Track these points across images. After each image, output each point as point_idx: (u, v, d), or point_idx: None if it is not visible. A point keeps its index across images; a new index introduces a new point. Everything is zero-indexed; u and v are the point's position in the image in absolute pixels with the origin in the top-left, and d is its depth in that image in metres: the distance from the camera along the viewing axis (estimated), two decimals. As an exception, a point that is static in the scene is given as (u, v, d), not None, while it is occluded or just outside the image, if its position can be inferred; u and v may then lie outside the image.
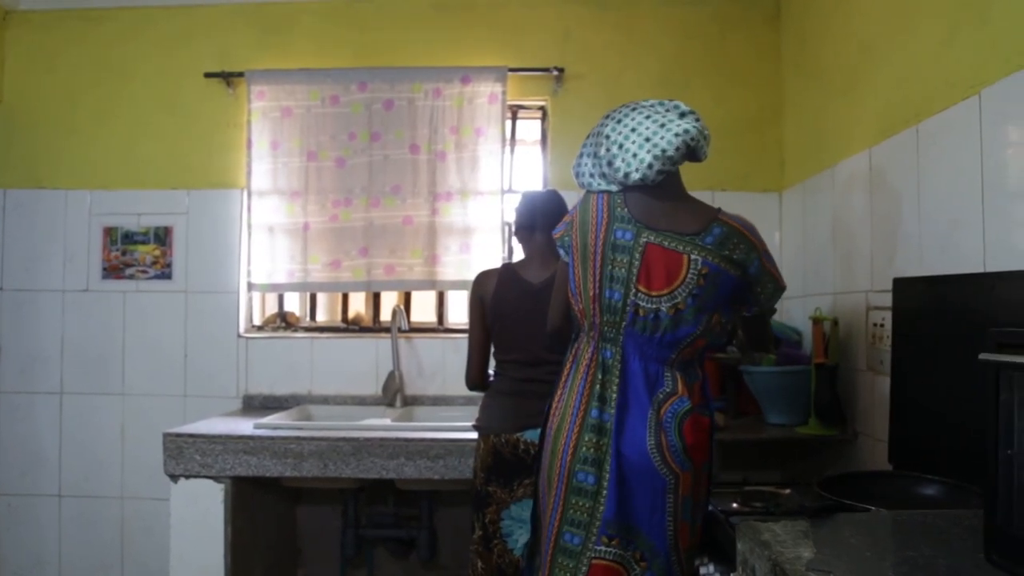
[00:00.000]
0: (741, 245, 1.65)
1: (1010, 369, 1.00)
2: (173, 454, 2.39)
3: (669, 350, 1.65)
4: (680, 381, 1.65)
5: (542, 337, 2.06)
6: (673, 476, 1.60)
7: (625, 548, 1.62)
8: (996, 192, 1.67)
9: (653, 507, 1.60)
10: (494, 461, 2.08)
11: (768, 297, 1.74)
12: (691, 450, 1.62)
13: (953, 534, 1.26)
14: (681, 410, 1.62)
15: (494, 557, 2.06)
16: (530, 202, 2.26)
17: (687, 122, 1.65)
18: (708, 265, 1.61)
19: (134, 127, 3.20)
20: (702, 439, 1.65)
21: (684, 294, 1.62)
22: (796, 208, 2.96)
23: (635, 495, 1.61)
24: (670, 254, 1.62)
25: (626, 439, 1.61)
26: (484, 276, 2.23)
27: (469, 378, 2.26)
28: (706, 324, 1.65)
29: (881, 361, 2.19)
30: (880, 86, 2.24)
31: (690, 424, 1.62)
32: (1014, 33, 1.61)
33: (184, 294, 3.15)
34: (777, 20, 3.15)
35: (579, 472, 1.64)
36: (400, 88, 3.09)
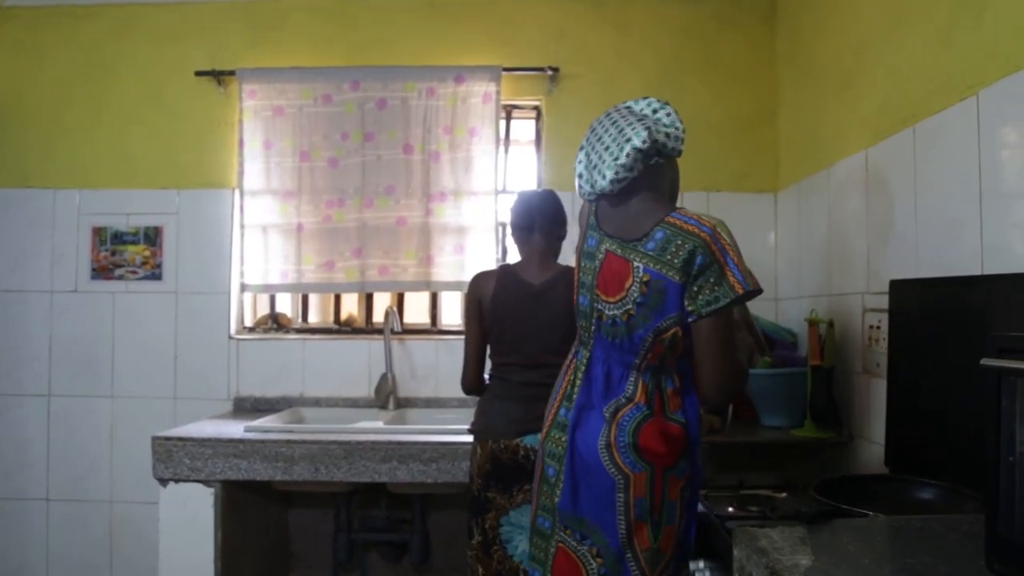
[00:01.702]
0: (685, 246, 1.54)
1: (1011, 375, 0.98)
2: (162, 458, 2.36)
3: (631, 355, 1.63)
4: (642, 387, 1.62)
5: (542, 338, 2.04)
6: (623, 476, 1.58)
7: (580, 541, 1.63)
8: (994, 194, 1.65)
9: (604, 505, 1.60)
10: (492, 467, 2.05)
11: (708, 301, 1.54)
12: (645, 452, 1.58)
13: (951, 540, 1.24)
14: (638, 416, 1.60)
15: (494, 563, 2.04)
16: (527, 202, 2.22)
17: (643, 128, 1.60)
18: (649, 272, 1.58)
19: (124, 126, 3.17)
20: (666, 445, 1.59)
21: (631, 301, 1.61)
22: (792, 209, 2.94)
23: (586, 491, 1.62)
24: (620, 261, 1.63)
25: (581, 436, 1.64)
26: (482, 277, 2.20)
27: (465, 381, 2.23)
28: (657, 331, 1.59)
29: (877, 363, 2.18)
30: (876, 86, 2.23)
31: (648, 429, 1.59)
32: (1012, 34, 1.59)
33: (174, 295, 3.12)
34: (772, 19, 3.13)
35: (547, 465, 1.72)
36: (393, 87, 3.07)
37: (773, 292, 3.06)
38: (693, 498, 1.68)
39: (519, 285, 2.12)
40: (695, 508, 1.70)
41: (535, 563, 1.74)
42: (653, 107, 1.68)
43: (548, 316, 2.07)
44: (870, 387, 2.23)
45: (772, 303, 3.05)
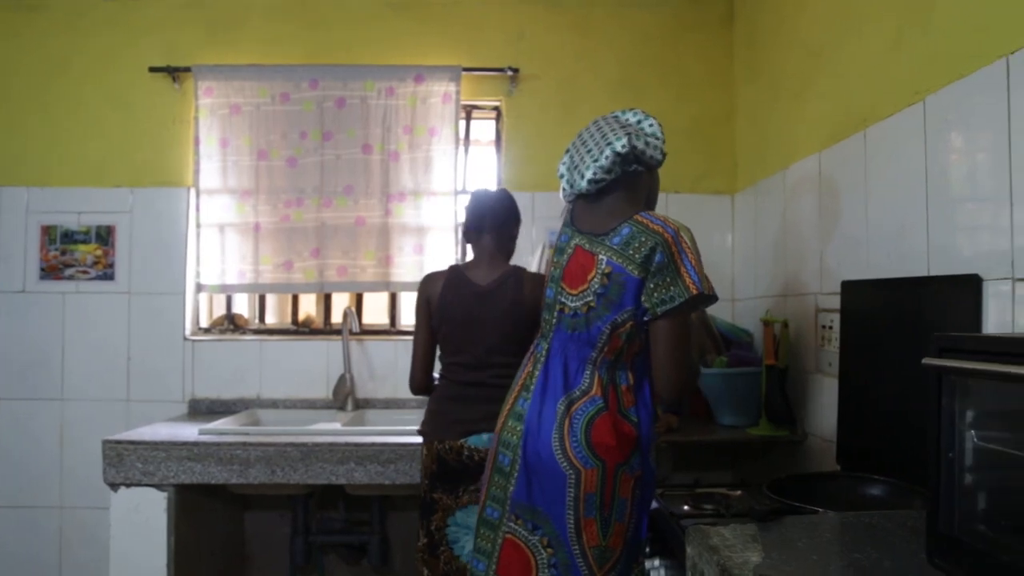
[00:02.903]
0: (648, 243, 1.58)
1: (952, 374, 1.01)
2: (113, 462, 2.31)
3: (589, 348, 1.66)
4: (598, 381, 1.64)
5: (487, 339, 2.05)
6: (574, 471, 1.59)
7: (531, 531, 1.65)
8: (940, 197, 1.70)
9: (554, 498, 1.62)
10: (438, 468, 2.05)
11: (663, 299, 1.57)
12: (598, 448, 1.60)
13: (897, 536, 1.27)
14: (592, 409, 1.62)
15: (441, 564, 2.03)
16: (478, 203, 2.21)
17: (624, 134, 1.66)
18: (611, 265, 1.62)
19: (75, 122, 3.09)
20: (618, 440, 1.61)
21: (591, 293, 1.65)
22: (748, 210, 2.99)
23: (539, 482, 1.64)
24: (586, 255, 1.68)
25: (536, 428, 1.66)
26: (431, 278, 2.20)
27: (413, 382, 2.22)
28: (613, 325, 1.62)
29: (829, 363, 2.22)
30: (829, 91, 2.27)
31: (601, 423, 1.61)
32: (957, 42, 1.64)
33: (127, 295, 3.05)
34: (730, 25, 3.18)
35: (500, 454, 1.73)
36: (352, 86, 3.04)
37: (730, 292, 3.10)
38: (645, 497, 1.68)
39: (466, 285, 2.13)
40: (647, 507, 1.70)
41: (480, 555, 1.75)
42: (639, 117, 1.74)
43: (494, 316, 2.07)
44: (823, 386, 2.27)
45: (728, 303, 3.10)
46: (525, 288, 2.11)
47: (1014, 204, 1.44)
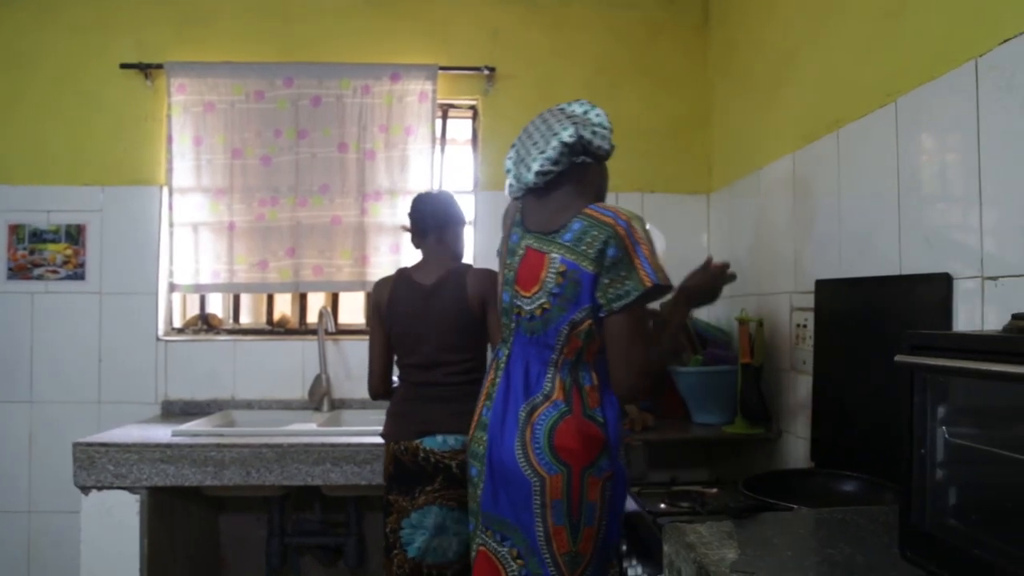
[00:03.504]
0: (600, 236, 1.55)
1: (923, 371, 1.02)
2: (84, 464, 2.27)
3: (548, 350, 1.64)
4: (559, 385, 1.62)
5: (436, 338, 2.04)
6: (538, 479, 1.57)
7: (500, 543, 1.63)
8: (910, 197, 1.72)
9: (521, 506, 1.59)
10: (395, 469, 2.05)
11: (618, 295, 1.55)
12: (561, 452, 1.57)
13: (870, 531, 1.29)
14: (555, 414, 1.59)
15: (393, 567, 2.02)
16: (419, 205, 2.22)
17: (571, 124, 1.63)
18: (565, 263, 1.59)
19: (44, 119, 3.03)
20: (583, 443, 1.58)
21: (545, 294, 1.62)
22: (723, 210, 3.01)
23: (506, 491, 1.62)
24: (537, 255, 1.65)
25: (499, 437, 1.64)
26: (381, 283, 2.21)
27: (371, 387, 2.23)
28: (572, 324, 1.60)
29: (804, 361, 2.24)
30: (803, 92, 2.29)
31: (565, 428, 1.58)
32: (927, 44, 1.66)
33: (99, 295, 3.01)
34: (705, 26, 3.20)
35: (471, 465, 1.73)
36: (328, 84, 3.02)
37: (706, 292, 3.12)
38: (616, 498, 1.65)
39: (412, 287, 2.14)
40: (619, 508, 1.67)
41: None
42: (584, 108, 1.70)
43: (440, 315, 2.08)
44: (797, 384, 2.29)
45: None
46: (468, 284, 2.11)
47: (983, 204, 1.47)
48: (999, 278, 1.42)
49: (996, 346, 0.91)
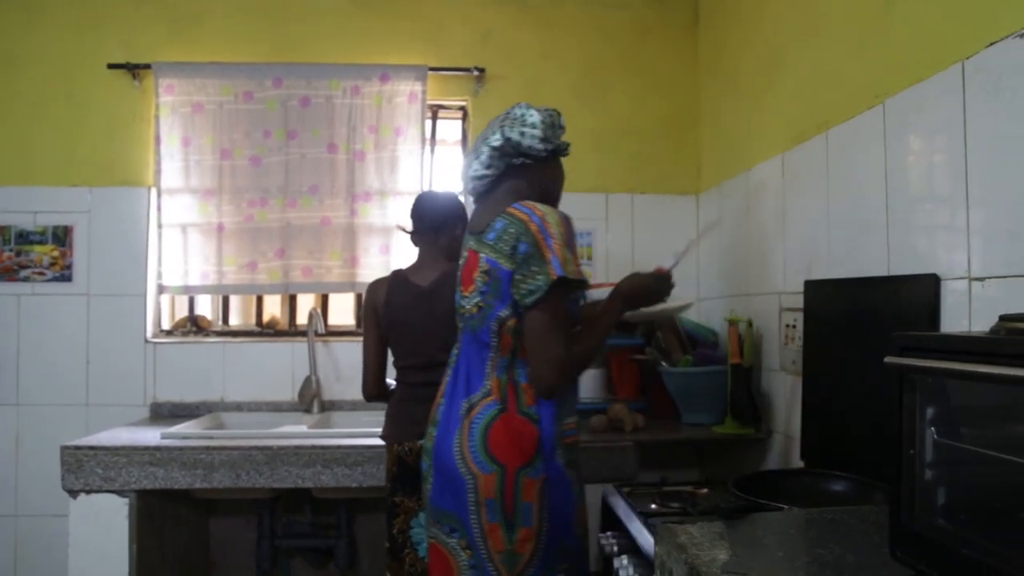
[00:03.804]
0: (514, 233, 1.57)
1: (912, 372, 1.03)
2: (72, 468, 2.25)
3: (486, 348, 1.65)
4: (496, 383, 1.63)
5: (434, 338, 2.05)
6: (472, 477, 1.58)
7: (449, 534, 1.64)
8: (899, 199, 1.73)
9: (460, 502, 1.61)
10: (399, 470, 2.04)
11: (529, 290, 1.56)
12: (495, 451, 1.58)
13: (860, 531, 1.30)
14: (491, 413, 1.61)
15: (405, 567, 2.02)
16: (420, 204, 2.23)
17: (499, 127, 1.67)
18: (488, 261, 1.62)
19: (30, 119, 3.00)
20: (516, 442, 1.59)
21: (477, 293, 1.65)
22: (712, 210, 3.02)
23: (448, 486, 1.64)
24: (474, 255, 1.69)
25: (444, 433, 1.67)
26: (376, 284, 2.20)
27: (365, 389, 2.22)
28: (500, 322, 1.61)
29: (793, 361, 2.25)
30: (792, 93, 2.31)
31: (498, 427, 1.59)
32: (915, 46, 1.67)
33: (86, 297, 2.98)
34: (695, 27, 3.21)
35: (423, 460, 1.77)
36: (317, 85, 3.01)
37: (695, 292, 3.13)
38: (557, 502, 1.62)
39: (408, 288, 2.13)
40: (565, 511, 1.64)
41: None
42: (522, 110, 1.71)
43: (439, 315, 2.06)
44: (787, 384, 2.31)
45: (695, 303, 3.12)
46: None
47: (970, 206, 1.48)
48: (986, 279, 1.43)
49: (983, 347, 0.91)
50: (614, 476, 2.30)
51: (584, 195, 3.12)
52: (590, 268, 3.12)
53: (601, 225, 3.15)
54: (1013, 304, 1.35)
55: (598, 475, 2.30)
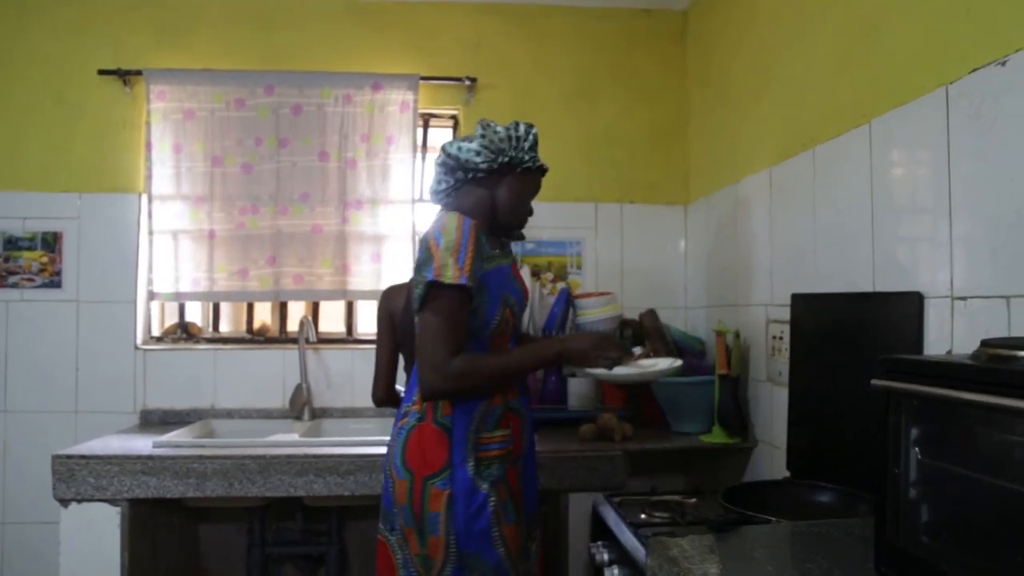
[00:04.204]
0: (422, 242, 1.67)
1: (898, 395, 1.06)
2: (64, 477, 2.25)
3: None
4: (419, 392, 1.68)
5: None
6: (391, 481, 1.70)
7: (391, 531, 1.72)
8: (885, 217, 1.77)
9: (390, 503, 1.72)
10: None
11: (418, 294, 1.63)
12: (408, 459, 1.67)
13: (846, 544, 1.34)
14: (411, 422, 1.70)
15: None
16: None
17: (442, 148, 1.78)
18: (413, 277, 1.71)
19: (18, 124, 2.99)
20: (425, 451, 1.65)
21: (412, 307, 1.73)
22: (700, 221, 3.06)
23: (386, 486, 1.74)
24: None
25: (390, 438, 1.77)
26: (393, 291, 2.22)
27: (376, 395, 2.25)
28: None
29: (780, 372, 2.29)
30: (780, 109, 2.34)
31: (414, 435, 1.68)
32: (900, 69, 1.71)
33: (75, 303, 2.98)
34: (683, 38, 3.25)
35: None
36: (309, 93, 3.02)
37: (683, 301, 3.18)
38: (469, 515, 1.63)
39: None
40: (480, 528, 1.64)
41: None
42: (480, 127, 1.77)
43: None
44: (773, 395, 2.34)
45: (682, 311, 3.17)
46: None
47: (953, 227, 1.52)
48: (968, 298, 1.47)
49: (966, 374, 0.95)
50: (603, 485, 2.33)
51: (574, 204, 3.16)
52: (579, 277, 3.16)
53: (591, 234, 3.18)
54: (994, 323, 1.39)
55: (587, 484, 2.34)
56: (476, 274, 1.64)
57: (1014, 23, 1.36)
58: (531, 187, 1.81)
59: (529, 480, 1.85)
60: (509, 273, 1.80)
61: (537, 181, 1.83)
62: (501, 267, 1.77)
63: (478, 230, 1.67)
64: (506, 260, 1.82)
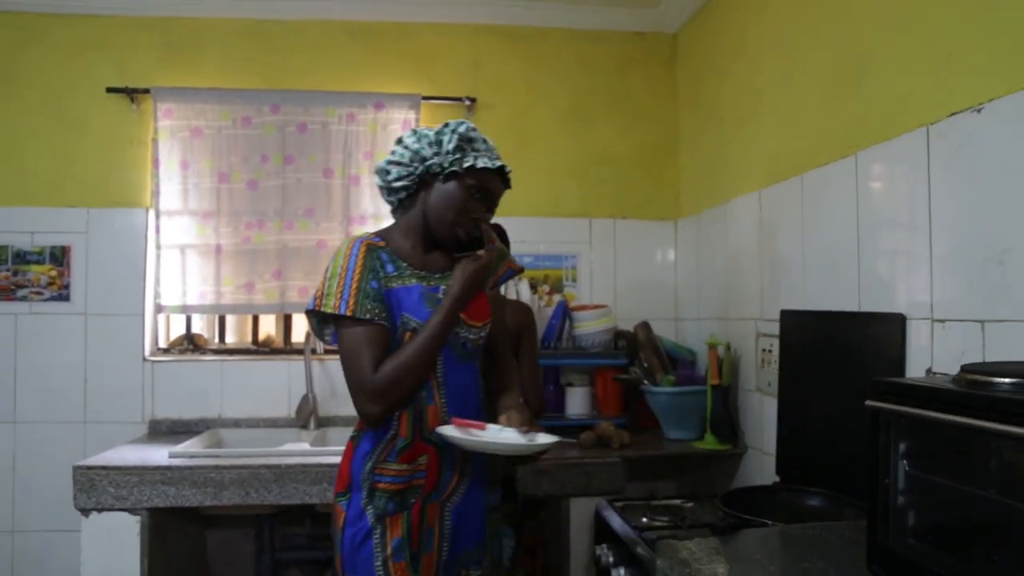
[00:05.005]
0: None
1: (888, 414, 1.20)
2: (84, 487, 2.33)
3: None
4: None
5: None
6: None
7: None
8: (869, 242, 1.92)
9: None
10: None
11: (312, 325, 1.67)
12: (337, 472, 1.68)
13: (838, 545, 1.47)
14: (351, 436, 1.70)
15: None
16: None
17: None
18: None
19: (27, 140, 3.06)
20: (342, 467, 1.67)
21: None
22: (691, 237, 3.20)
23: None
24: None
25: None
26: None
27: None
28: None
29: (769, 383, 2.44)
30: (769, 134, 2.48)
31: (346, 449, 1.69)
32: (884, 106, 1.86)
33: (84, 316, 3.05)
34: (674, 61, 3.38)
35: None
36: (314, 112, 3.12)
37: (673, 312, 3.32)
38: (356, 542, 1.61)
39: None
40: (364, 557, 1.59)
41: None
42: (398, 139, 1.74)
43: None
44: (763, 404, 2.49)
45: (672, 323, 3.31)
46: (508, 315, 2.27)
47: (933, 256, 1.66)
48: (946, 321, 1.62)
49: (948, 397, 1.08)
50: (603, 490, 2.46)
51: (569, 220, 3.29)
52: (575, 290, 3.28)
53: (585, 248, 3.31)
54: (970, 344, 1.54)
55: (588, 489, 2.46)
56: (365, 297, 1.56)
57: (990, 72, 1.51)
58: (463, 192, 1.61)
59: (463, 522, 1.70)
60: (420, 294, 1.63)
61: (477, 183, 1.62)
62: (410, 287, 1.63)
63: (371, 251, 1.62)
64: (424, 280, 1.65)
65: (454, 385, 1.67)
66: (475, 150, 1.64)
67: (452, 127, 1.63)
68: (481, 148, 1.65)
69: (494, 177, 1.65)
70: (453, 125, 1.64)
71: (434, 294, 1.64)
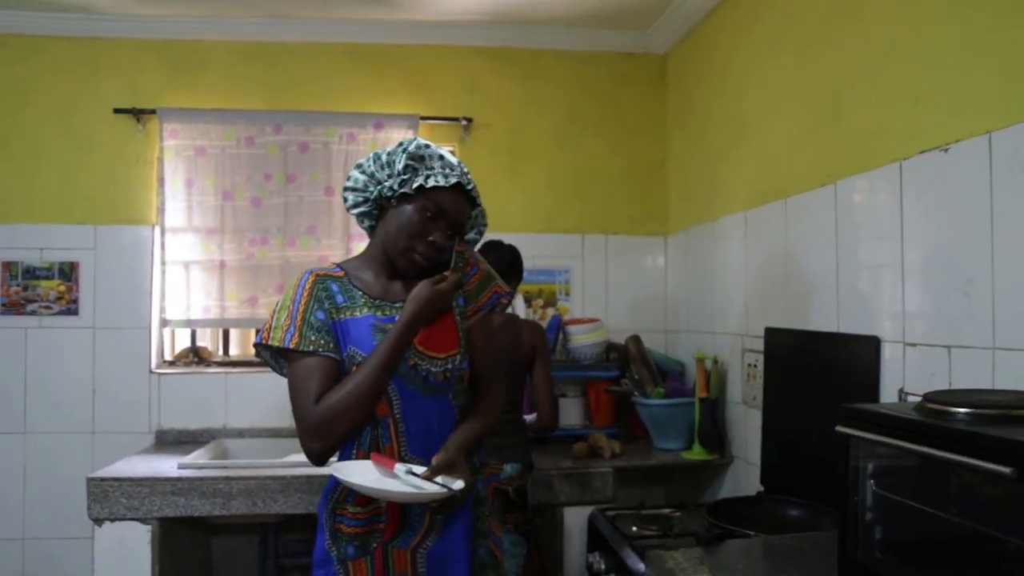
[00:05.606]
0: None
1: (856, 440, 1.31)
2: (98, 498, 2.42)
3: None
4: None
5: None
6: None
7: None
8: (847, 266, 2.03)
9: None
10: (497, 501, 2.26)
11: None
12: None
13: (813, 557, 1.58)
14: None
15: None
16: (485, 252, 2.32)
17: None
18: None
19: (36, 158, 3.15)
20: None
21: None
22: (680, 252, 3.31)
23: None
24: None
25: None
26: None
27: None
28: None
29: (754, 396, 2.55)
30: (754, 159, 2.60)
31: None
32: (860, 140, 1.97)
33: (92, 330, 3.14)
34: (663, 82, 3.49)
35: None
36: (315, 132, 3.22)
37: (663, 325, 3.43)
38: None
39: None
40: None
41: None
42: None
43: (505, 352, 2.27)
44: (748, 416, 2.60)
45: (662, 335, 3.41)
46: (523, 334, 2.40)
47: (905, 281, 1.78)
48: (917, 345, 1.73)
49: (910, 427, 1.19)
50: (595, 499, 2.57)
51: (562, 235, 3.39)
52: (567, 303, 3.39)
53: (578, 263, 3.42)
54: (938, 367, 1.65)
55: (581, 498, 2.58)
56: (309, 328, 1.48)
57: (955, 115, 1.62)
58: (417, 215, 1.50)
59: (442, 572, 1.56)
60: (369, 324, 1.52)
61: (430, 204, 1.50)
62: (359, 318, 1.52)
63: (320, 282, 1.54)
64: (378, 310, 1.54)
65: (415, 422, 1.53)
66: (428, 168, 1.52)
67: (404, 146, 1.52)
68: (435, 166, 1.52)
69: (451, 195, 1.52)
70: (405, 144, 1.52)
71: (385, 325, 1.51)
